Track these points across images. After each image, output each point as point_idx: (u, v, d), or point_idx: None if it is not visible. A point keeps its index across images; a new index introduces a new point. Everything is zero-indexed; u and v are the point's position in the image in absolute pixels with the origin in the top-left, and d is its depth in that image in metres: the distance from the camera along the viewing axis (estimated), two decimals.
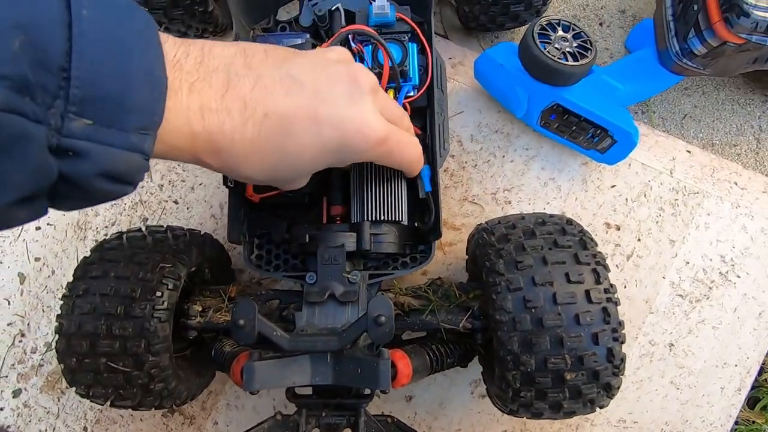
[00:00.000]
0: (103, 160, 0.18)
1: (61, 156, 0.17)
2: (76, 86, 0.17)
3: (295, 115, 0.24)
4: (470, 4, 0.46)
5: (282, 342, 0.30)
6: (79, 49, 0.17)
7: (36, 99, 0.16)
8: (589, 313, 0.29)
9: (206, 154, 0.23)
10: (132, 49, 0.19)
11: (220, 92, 0.22)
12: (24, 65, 0.16)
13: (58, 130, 0.17)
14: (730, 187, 0.48)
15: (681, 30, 0.44)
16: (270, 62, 0.24)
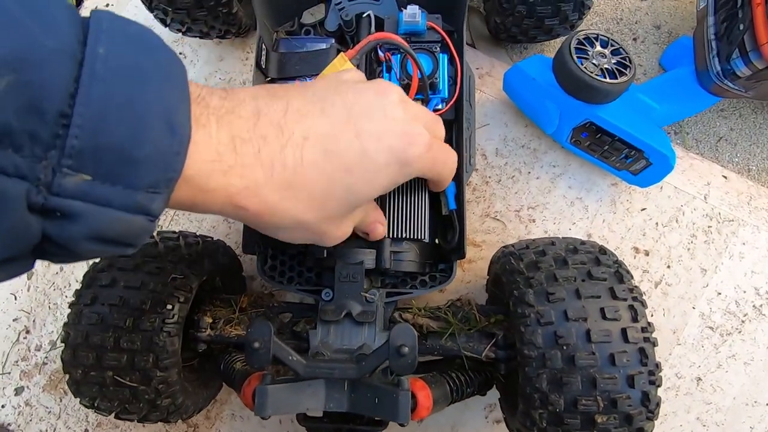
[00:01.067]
0: (97, 223, 0.15)
1: (48, 216, 0.15)
2: (75, 135, 0.14)
3: (336, 133, 0.22)
4: (502, 16, 0.45)
5: (298, 368, 0.28)
6: (86, 91, 0.14)
7: (22, 150, 0.14)
8: (625, 353, 0.27)
9: (241, 195, 0.20)
10: (152, 90, 0.16)
11: (251, 121, 0.20)
12: (8, 110, 0.13)
13: (48, 186, 0.14)
14: (767, 217, 0.46)
15: (724, 50, 0.42)
16: (294, 90, 0.23)
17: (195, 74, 0.54)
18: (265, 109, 0.21)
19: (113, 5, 0.57)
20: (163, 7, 0.44)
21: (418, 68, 0.35)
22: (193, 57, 0.54)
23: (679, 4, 0.55)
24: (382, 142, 0.23)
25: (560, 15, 0.43)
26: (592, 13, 0.55)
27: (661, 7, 0.55)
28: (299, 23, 0.44)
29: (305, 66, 0.41)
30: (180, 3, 0.43)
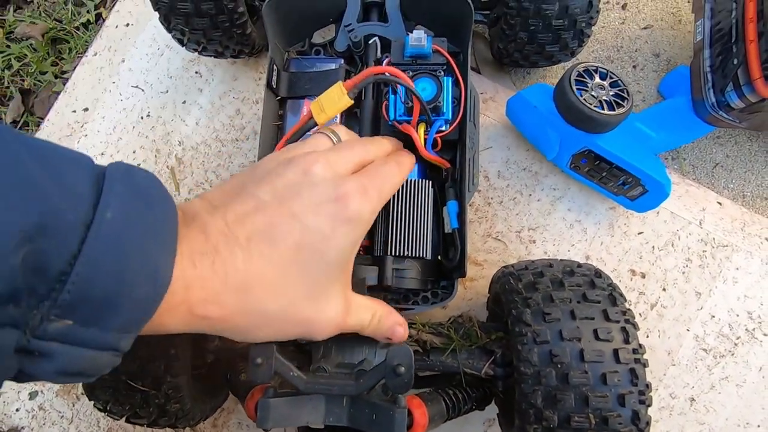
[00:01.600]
0: (68, 361, 0.17)
1: (26, 355, 0.16)
2: (68, 290, 0.16)
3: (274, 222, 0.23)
4: (505, 42, 0.47)
5: (299, 383, 0.30)
6: (87, 252, 0.16)
7: (20, 303, 0.15)
8: (616, 373, 0.28)
9: (200, 305, 0.21)
10: (143, 248, 0.18)
11: (202, 236, 0.22)
12: (19, 278, 0.15)
13: (33, 331, 0.16)
14: (760, 243, 0.47)
15: (719, 82, 0.44)
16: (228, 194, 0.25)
17: (210, 92, 0.56)
18: (210, 222, 0.23)
19: (133, 24, 0.60)
20: (180, 28, 0.47)
21: (417, 99, 0.36)
22: (209, 76, 0.57)
23: (678, 33, 0.57)
24: (319, 213, 0.24)
25: (560, 42, 0.45)
26: (593, 40, 0.57)
27: (660, 36, 0.57)
28: (309, 43, 0.47)
29: (314, 85, 0.43)
30: (196, 24, 0.45)
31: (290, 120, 0.43)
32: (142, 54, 0.58)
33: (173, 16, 0.45)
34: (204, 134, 0.55)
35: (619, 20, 0.58)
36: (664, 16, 0.57)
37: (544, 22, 0.43)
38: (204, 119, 0.56)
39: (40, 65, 0.72)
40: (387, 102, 0.39)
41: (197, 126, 0.55)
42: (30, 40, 0.73)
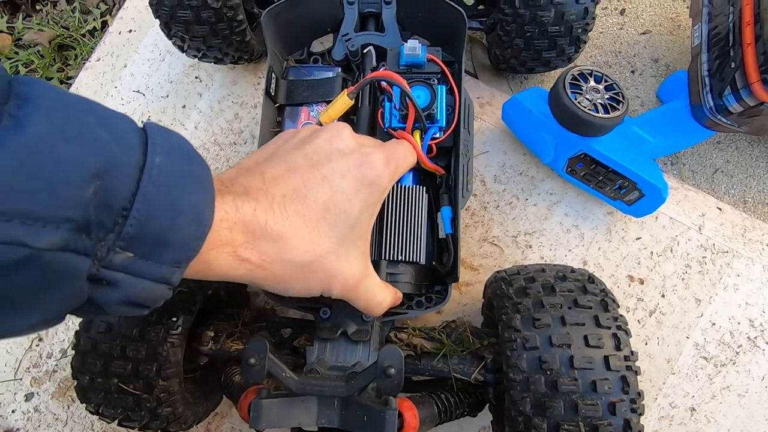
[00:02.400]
0: (131, 291, 0.19)
1: (95, 283, 0.18)
2: (131, 224, 0.18)
3: (305, 182, 0.27)
4: (501, 48, 0.47)
5: (291, 384, 0.29)
6: (143, 191, 0.18)
7: (90, 235, 0.17)
8: (607, 381, 0.28)
9: (243, 247, 0.24)
10: (189, 191, 0.20)
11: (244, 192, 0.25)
12: (90, 209, 0.17)
13: (101, 261, 0.18)
14: (762, 249, 0.46)
15: (716, 86, 0.44)
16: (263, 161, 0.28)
17: (210, 97, 0.57)
18: (249, 181, 0.26)
19: (136, 31, 0.61)
20: (180, 35, 0.47)
21: (412, 103, 0.37)
22: (208, 81, 0.57)
23: (677, 39, 0.56)
24: (345, 177, 0.28)
25: (557, 48, 0.45)
26: (591, 45, 0.57)
27: (659, 41, 0.56)
28: (308, 52, 0.47)
29: (312, 93, 0.44)
30: (196, 31, 0.46)
31: (288, 126, 0.44)
32: (143, 59, 0.59)
33: (174, 23, 0.46)
34: (203, 138, 0.56)
35: (617, 26, 0.57)
36: (662, 21, 0.57)
37: (540, 29, 0.43)
38: (203, 123, 0.56)
39: (46, 71, 0.74)
40: (383, 109, 0.39)
41: (196, 130, 0.56)
42: (37, 47, 0.75)
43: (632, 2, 0.58)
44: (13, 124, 0.16)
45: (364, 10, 0.45)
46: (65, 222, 0.16)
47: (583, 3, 0.41)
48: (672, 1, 0.58)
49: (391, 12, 0.45)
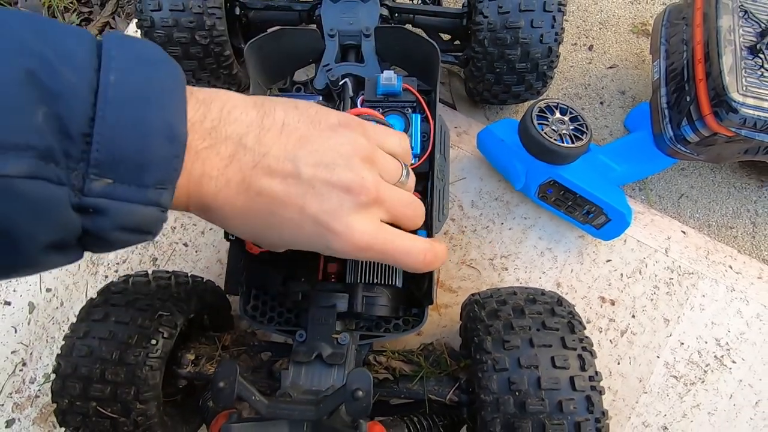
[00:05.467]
0: (121, 216, 0.19)
1: (83, 213, 0.19)
2: (96, 149, 0.18)
3: (284, 201, 0.24)
4: (475, 81, 0.50)
5: (260, 407, 0.30)
6: (102, 114, 0.18)
7: (59, 164, 0.17)
8: (572, 401, 0.29)
9: (197, 210, 0.24)
10: (154, 108, 0.19)
11: (224, 162, 0.23)
12: (48, 135, 0.17)
13: (80, 190, 0.18)
14: (725, 271, 0.49)
15: (675, 118, 0.47)
16: (282, 141, 0.24)
17: None
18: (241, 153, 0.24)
19: None
20: None
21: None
22: None
23: (642, 72, 0.60)
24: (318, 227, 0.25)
25: (525, 83, 0.47)
26: (561, 78, 0.60)
27: (625, 74, 0.60)
28: (291, 81, 0.49)
29: None
30: (186, 66, 0.48)
31: None
32: None
33: None
34: None
35: (586, 60, 0.61)
36: (628, 56, 0.61)
37: (508, 65, 0.46)
38: None
39: None
40: None
41: None
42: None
43: (600, 39, 0.62)
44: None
45: (345, 42, 0.48)
46: (27, 149, 0.16)
47: (546, 42, 0.44)
48: (636, 38, 0.62)
49: (370, 44, 0.48)
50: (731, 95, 0.41)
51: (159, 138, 0.19)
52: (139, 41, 0.21)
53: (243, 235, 0.27)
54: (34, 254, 0.18)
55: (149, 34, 0.47)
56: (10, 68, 0.16)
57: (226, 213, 0.24)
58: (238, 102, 0.24)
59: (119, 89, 0.19)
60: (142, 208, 0.20)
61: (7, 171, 0.16)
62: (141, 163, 0.19)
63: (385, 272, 0.38)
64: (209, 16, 0.46)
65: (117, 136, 0.18)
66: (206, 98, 0.23)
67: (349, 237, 0.25)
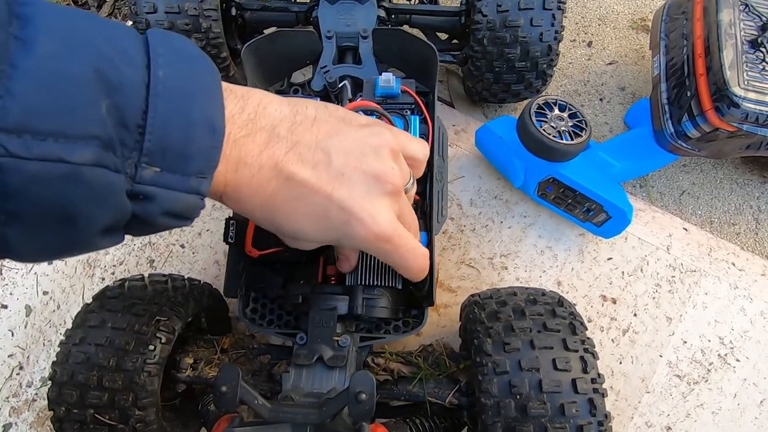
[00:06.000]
0: (167, 202, 0.20)
1: (134, 199, 0.20)
2: (149, 140, 0.19)
3: (312, 187, 0.25)
4: (474, 81, 0.49)
5: (263, 411, 0.30)
6: (153, 107, 0.19)
7: (116, 153, 0.19)
8: (574, 404, 0.29)
9: (229, 198, 0.25)
10: (197, 102, 0.21)
11: (259, 148, 0.24)
12: (109, 126, 0.18)
13: (133, 177, 0.19)
14: (728, 268, 0.48)
15: (675, 113, 0.46)
16: (313, 132, 0.26)
17: None
18: (274, 141, 0.25)
19: None
20: None
21: (390, 124, 0.39)
22: None
23: (642, 68, 0.59)
24: (343, 212, 0.26)
25: (525, 82, 0.47)
26: (561, 75, 0.60)
27: (625, 71, 0.59)
28: (288, 83, 0.49)
29: None
30: None
31: None
32: None
33: None
34: None
35: (585, 57, 0.61)
36: (627, 52, 0.60)
37: (507, 64, 0.45)
38: None
39: None
40: None
41: None
42: None
43: (599, 35, 0.62)
44: (21, 46, 0.16)
45: (342, 44, 0.47)
46: (92, 139, 0.18)
47: (546, 41, 0.44)
48: (635, 33, 0.61)
49: (368, 46, 0.47)
50: (732, 90, 0.41)
51: (201, 129, 0.21)
52: (177, 37, 0.22)
53: (268, 227, 0.27)
54: (91, 236, 0.20)
55: None
56: (82, 66, 0.18)
57: (257, 200, 0.25)
58: (272, 99, 0.25)
59: (167, 83, 0.20)
60: (185, 196, 0.21)
61: (75, 159, 0.17)
62: (185, 153, 0.20)
63: (385, 274, 0.38)
64: (205, 18, 0.45)
65: (165, 127, 0.20)
66: (244, 94, 0.24)
67: (372, 224, 0.26)
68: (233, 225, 0.39)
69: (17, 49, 0.16)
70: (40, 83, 0.16)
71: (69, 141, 0.17)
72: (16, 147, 0.16)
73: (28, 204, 0.17)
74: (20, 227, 0.18)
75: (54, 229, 0.18)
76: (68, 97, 0.17)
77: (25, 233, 0.18)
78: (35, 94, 0.16)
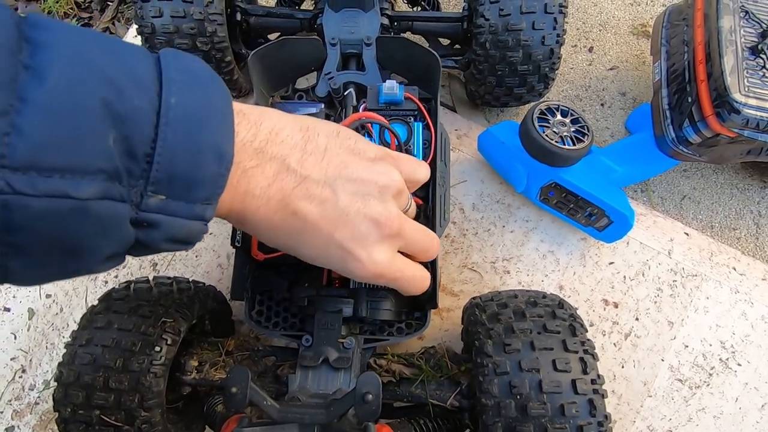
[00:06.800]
0: (170, 229, 0.20)
1: (138, 227, 0.20)
2: (156, 169, 0.19)
3: (316, 224, 0.25)
4: (476, 84, 0.50)
5: (272, 412, 0.30)
6: (163, 136, 0.19)
7: (122, 182, 0.18)
8: (574, 404, 0.29)
9: (235, 222, 0.26)
10: (207, 129, 0.20)
11: (268, 181, 0.24)
12: (116, 158, 0.18)
13: (138, 205, 0.19)
14: (728, 272, 0.48)
15: (676, 119, 0.47)
16: (323, 166, 0.26)
17: None
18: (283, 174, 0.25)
19: None
20: None
21: (396, 138, 0.39)
22: None
23: (642, 74, 0.60)
24: (342, 251, 0.27)
25: (527, 85, 0.47)
26: (562, 80, 0.60)
27: (625, 76, 0.60)
28: (293, 89, 0.50)
29: None
30: None
31: None
32: None
33: None
34: None
35: (586, 62, 0.61)
36: (628, 57, 0.61)
37: (510, 68, 0.46)
38: None
39: None
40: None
41: None
42: None
43: (600, 40, 0.62)
44: (32, 76, 0.16)
45: (346, 51, 0.48)
46: (99, 173, 0.17)
47: (548, 44, 0.44)
48: (636, 39, 0.62)
49: (371, 53, 0.48)
50: (733, 96, 0.41)
51: (209, 157, 0.20)
52: (191, 59, 0.22)
53: (270, 245, 0.28)
54: (95, 264, 0.20)
55: (150, 40, 0.47)
56: (92, 98, 0.17)
57: (261, 227, 0.25)
58: (286, 124, 0.25)
59: (178, 111, 0.19)
60: (189, 223, 0.21)
61: (81, 194, 0.17)
62: (192, 180, 0.20)
63: None
64: (210, 22, 0.46)
65: (174, 155, 0.19)
66: (257, 119, 0.24)
67: (368, 265, 0.27)
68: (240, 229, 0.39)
69: (27, 80, 0.16)
70: (49, 119, 0.16)
71: (75, 177, 0.17)
72: (21, 184, 0.16)
73: (32, 238, 0.17)
74: (22, 259, 0.17)
75: (57, 260, 0.18)
76: (76, 132, 0.17)
77: (27, 264, 0.18)
78: (43, 130, 0.16)
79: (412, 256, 0.31)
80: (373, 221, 0.26)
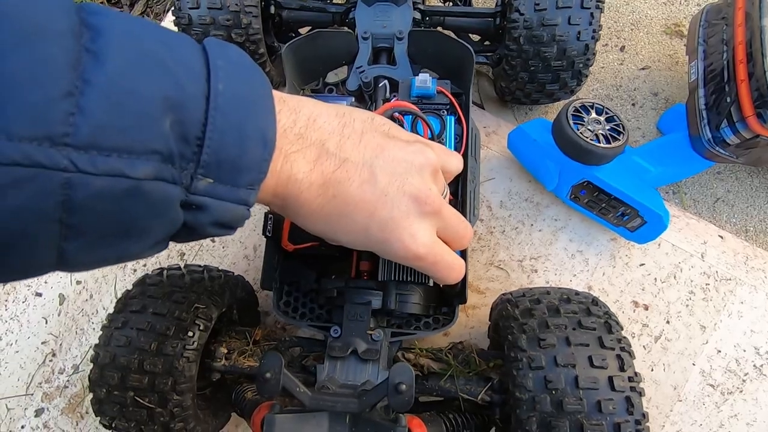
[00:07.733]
0: (217, 213, 0.21)
1: (187, 209, 0.20)
2: (206, 153, 0.20)
3: (356, 205, 0.26)
4: (507, 80, 0.49)
5: (304, 399, 0.30)
6: (212, 120, 0.20)
7: (175, 165, 0.19)
8: (611, 401, 0.28)
9: (277, 207, 0.26)
10: (251, 115, 0.21)
11: (309, 166, 0.25)
12: (171, 141, 0.18)
13: (188, 188, 0.20)
14: (765, 277, 0.47)
15: (713, 119, 0.46)
16: (360, 149, 0.26)
17: None
18: (323, 158, 0.25)
19: None
20: None
21: (429, 129, 0.39)
22: None
23: (675, 74, 0.59)
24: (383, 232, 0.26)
25: (560, 81, 0.47)
26: (593, 79, 0.59)
27: (658, 76, 0.59)
28: (323, 82, 0.50)
29: None
30: None
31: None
32: None
33: None
34: None
35: (617, 61, 0.60)
36: (660, 57, 0.60)
37: (543, 63, 0.45)
38: None
39: None
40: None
41: None
42: None
43: (632, 39, 0.61)
44: (94, 59, 0.16)
45: (378, 45, 0.48)
46: (153, 154, 0.18)
47: (583, 40, 0.44)
48: (669, 39, 0.61)
49: (403, 47, 0.48)
50: None
51: (254, 142, 0.21)
52: (233, 48, 0.22)
53: (311, 231, 0.28)
54: (145, 248, 0.20)
55: (186, 31, 0.48)
56: (151, 83, 0.18)
57: (303, 211, 0.26)
58: (322, 110, 0.26)
59: (225, 96, 0.20)
60: (234, 206, 0.21)
61: (137, 173, 0.17)
62: (238, 165, 0.21)
63: (417, 271, 0.38)
64: (246, 14, 0.47)
65: (222, 140, 0.20)
66: (296, 106, 0.25)
67: (410, 244, 0.26)
68: (271, 219, 0.40)
69: (89, 63, 0.16)
70: (111, 101, 0.17)
71: (132, 156, 0.17)
72: (84, 163, 0.16)
73: (91, 218, 0.17)
74: (79, 241, 0.18)
75: (110, 242, 0.19)
76: (136, 115, 0.17)
77: (83, 247, 0.18)
78: (105, 111, 0.16)
79: (448, 242, 0.30)
80: (412, 198, 0.26)
